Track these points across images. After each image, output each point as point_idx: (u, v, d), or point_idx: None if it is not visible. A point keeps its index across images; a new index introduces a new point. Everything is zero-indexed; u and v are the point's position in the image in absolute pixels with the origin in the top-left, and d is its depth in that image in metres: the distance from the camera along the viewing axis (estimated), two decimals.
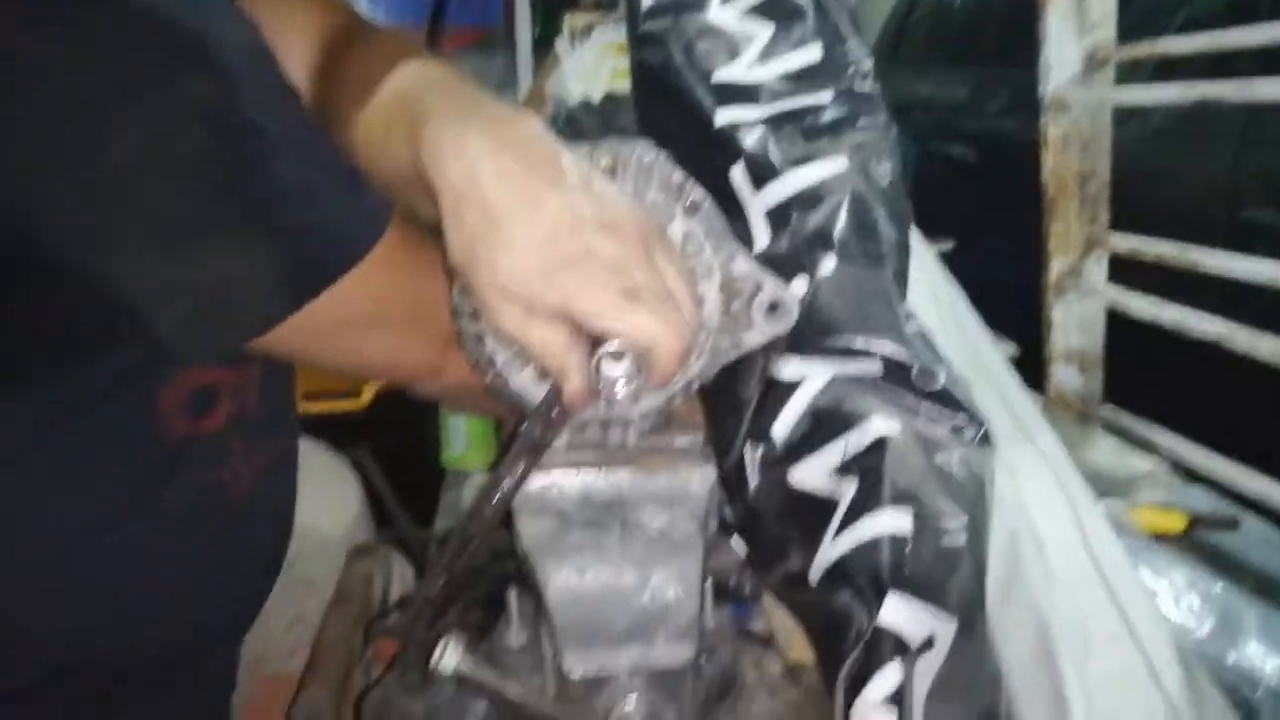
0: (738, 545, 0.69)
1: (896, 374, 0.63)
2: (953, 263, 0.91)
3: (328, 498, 1.31)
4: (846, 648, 0.58)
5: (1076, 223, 1.29)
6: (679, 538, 0.55)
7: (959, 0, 3.07)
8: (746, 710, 0.63)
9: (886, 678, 0.51)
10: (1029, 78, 1.27)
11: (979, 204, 2.09)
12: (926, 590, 0.54)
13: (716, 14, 0.79)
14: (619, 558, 0.54)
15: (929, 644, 0.54)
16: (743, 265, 0.58)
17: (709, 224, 0.57)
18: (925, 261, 0.95)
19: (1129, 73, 1.28)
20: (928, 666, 0.54)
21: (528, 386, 0.56)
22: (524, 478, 0.53)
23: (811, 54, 0.75)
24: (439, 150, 0.51)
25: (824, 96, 0.73)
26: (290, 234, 0.50)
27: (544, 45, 2.60)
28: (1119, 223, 1.28)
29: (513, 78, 2.86)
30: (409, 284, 0.58)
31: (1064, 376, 1.38)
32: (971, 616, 0.57)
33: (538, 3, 3.09)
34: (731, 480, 0.69)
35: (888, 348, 0.63)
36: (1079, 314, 1.33)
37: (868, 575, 0.56)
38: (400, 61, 0.59)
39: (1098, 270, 1.31)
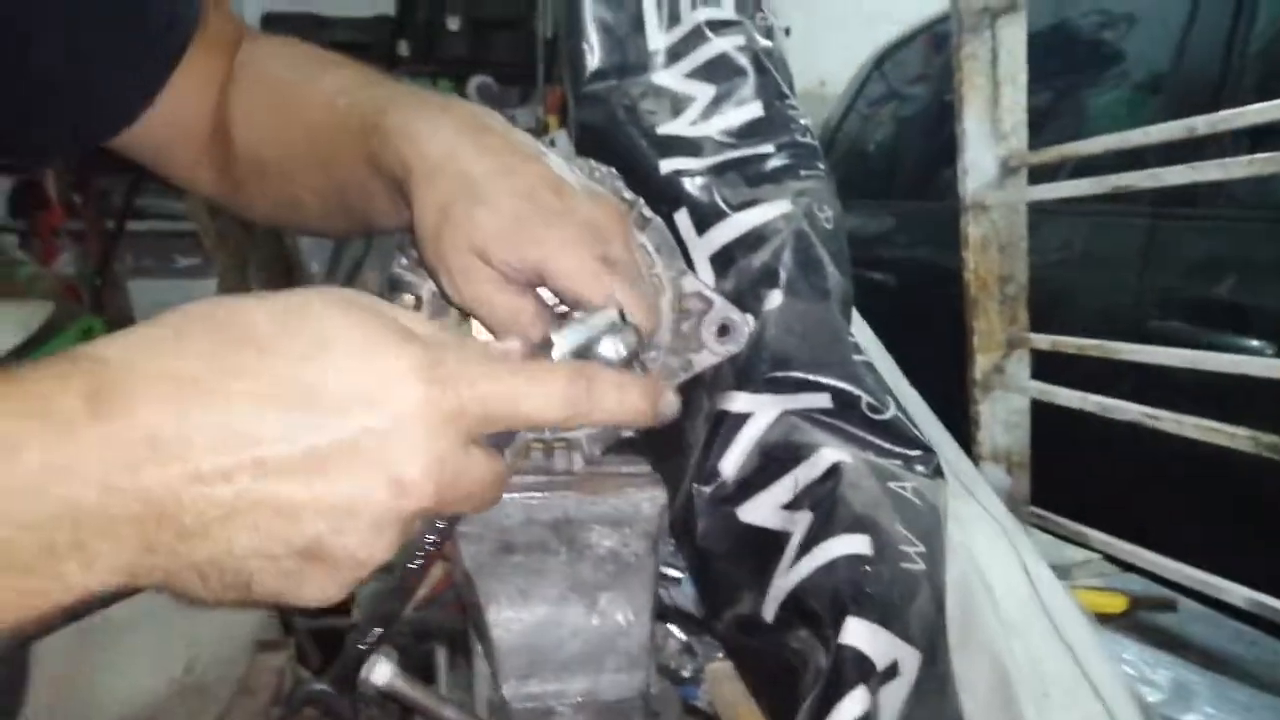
0: (687, 594, 0.65)
1: (846, 407, 0.62)
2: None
3: None
4: (804, 689, 0.55)
5: (998, 321, 1.32)
6: (629, 558, 0.52)
7: (872, 145, 3.24)
8: None
9: (853, 703, 0.48)
10: (942, 211, 1.33)
11: (900, 323, 2.14)
12: (888, 615, 0.52)
13: (659, 76, 0.80)
14: (564, 579, 0.51)
15: (893, 671, 0.51)
16: (693, 284, 0.57)
17: (659, 239, 0.56)
18: (868, 337, 0.95)
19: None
20: (893, 698, 0.51)
21: None
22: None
23: (753, 110, 0.76)
24: (412, 132, 0.50)
25: (767, 147, 0.74)
26: None
27: None
28: (1036, 330, 1.32)
29: None
30: None
31: (992, 477, 1.38)
32: (934, 648, 0.54)
33: None
34: (679, 524, 0.66)
35: (836, 380, 0.62)
36: (1004, 411, 1.35)
37: (826, 600, 0.53)
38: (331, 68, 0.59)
39: (1021, 369, 1.34)
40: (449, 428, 0.36)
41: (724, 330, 0.58)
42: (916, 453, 0.61)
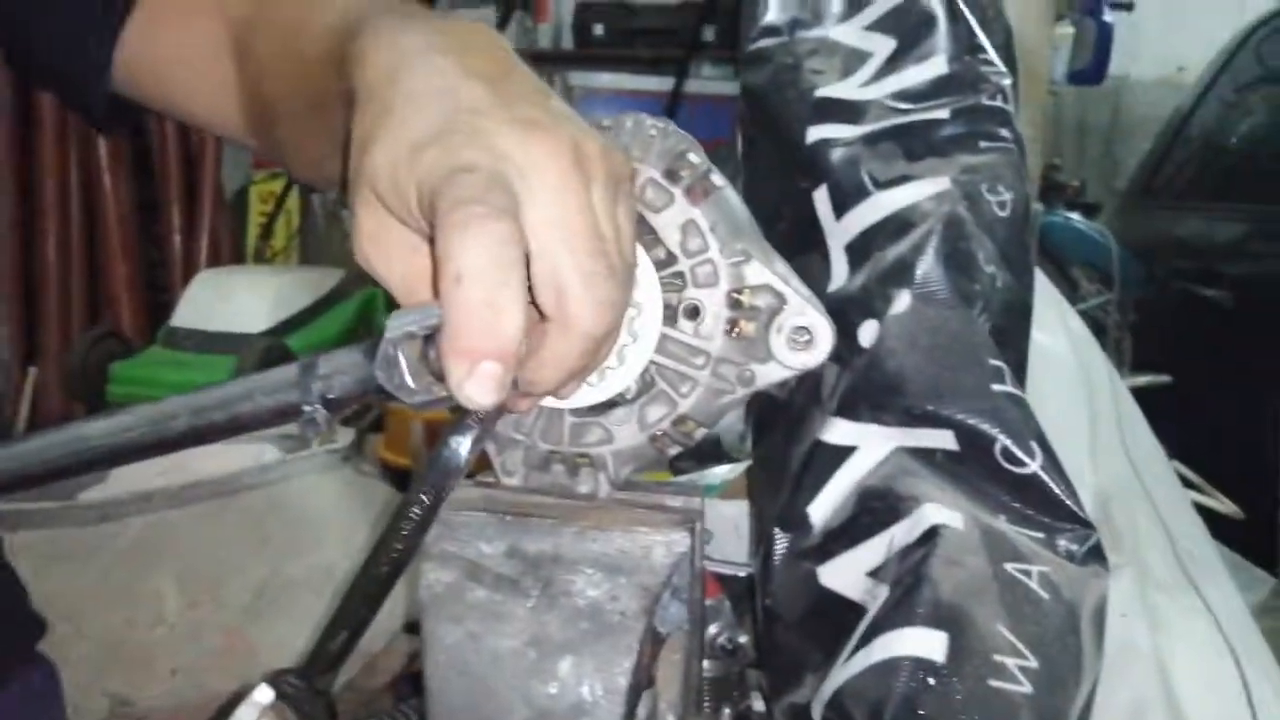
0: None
1: (975, 451, 0.47)
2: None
3: None
4: None
5: None
6: (613, 619, 0.41)
7: (1234, 139, 2.76)
8: None
9: None
10: None
11: (1234, 352, 1.80)
12: None
13: (835, 30, 0.67)
14: (526, 629, 0.41)
15: None
16: (759, 274, 0.45)
17: (720, 215, 0.44)
18: (1095, 371, 0.76)
19: None
20: None
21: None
22: (433, 512, 0.41)
23: (936, 67, 0.61)
24: (366, 51, 0.41)
25: (941, 113, 0.58)
26: None
27: None
28: None
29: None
30: None
31: None
32: None
33: None
34: (758, 577, 0.53)
35: (965, 415, 0.47)
36: None
37: (866, 713, 0.39)
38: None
39: None
40: None
41: (799, 336, 0.45)
42: (1064, 524, 0.45)
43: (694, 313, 0.44)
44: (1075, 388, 0.68)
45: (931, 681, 0.38)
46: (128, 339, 2.48)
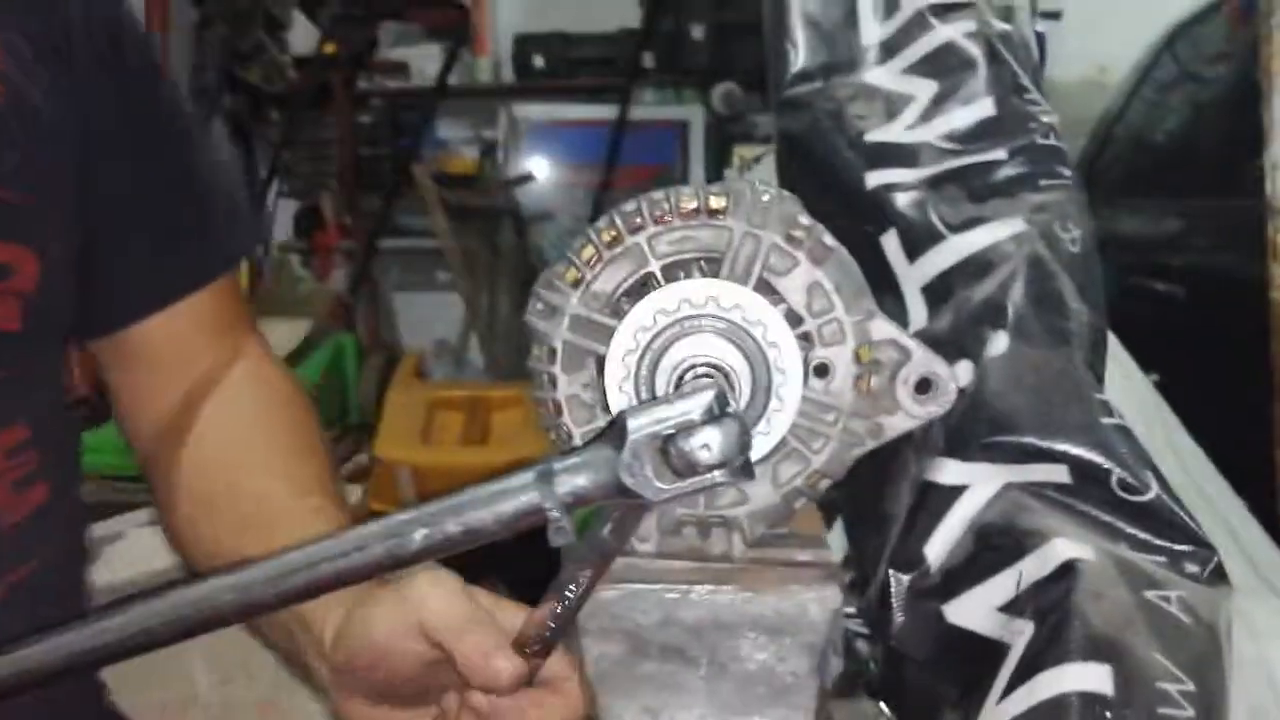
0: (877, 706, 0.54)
1: (1090, 483, 0.49)
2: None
3: None
4: None
5: None
6: (786, 680, 0.42)
7: (1161, 135, 2.88)
8: None
9: None
10: (1249, 210, 1.10)
11: (1190, 344, 1.87)
12: None
13: (872, 74, 0.69)
14: (704, 698, 0.41)
15: None
16: (884, 329, 0.46)
17: (841, 276, 0.46)
18: (1134, 381, 0.79)
19: None
20: None
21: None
22: (589, 591, 0.42)
23: (983, 109, 0.63)
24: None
25: (999, 153, 0.61)
26: None
27: (716, 178, 2.62)
28: None
29: None
30: None
31: None
32: None
33: (711, 140, 3.12)
34: (872, 617, 0.55)
35: (1077, 449, 0.49)
36: None
37: None
38: None
39: None
40: None
41: (924, 387, 0.46)
42: (1188, 547, 0.47)
43: (823, 371, 0.46)
44: (1122, 395, 0.71)
45: (1108, 715, 0.40)
46: (96, 404, 2.41)
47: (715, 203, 0.46)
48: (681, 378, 0.43)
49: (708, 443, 0.36)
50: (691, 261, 0.47)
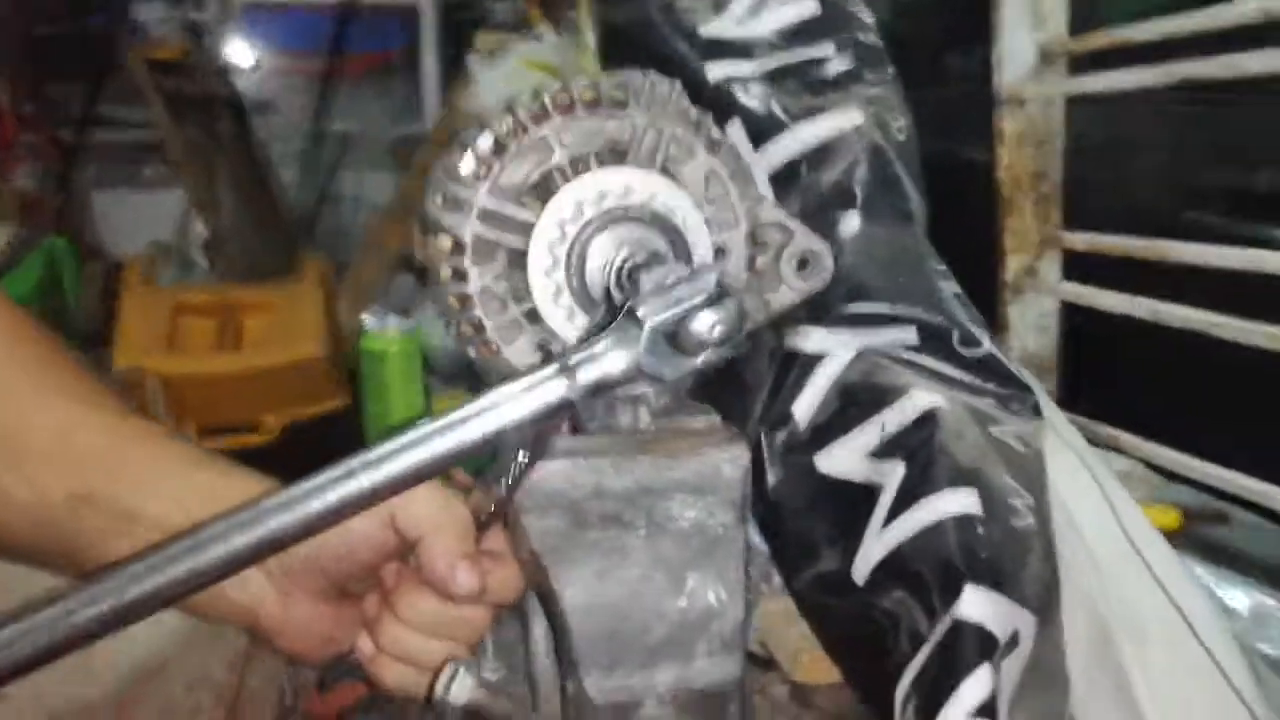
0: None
1: (935, 342, 0.56)
2: None
3: None
4: (897, 655, 0.50)
5: (1032, 220, 1.25)
6: (716, 531, 0.46)
7: None
8: None
9: (977, 684, 0.43)
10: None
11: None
12: (1004, 580, 0.47)
13: None
14: (646, 557, 0.45)
15: (1014, 641, 0.46)
16: (771, 213, 0.50)
17: (733, 164, 0.49)
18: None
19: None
20: (1012, 669, 0.46)
21: (524, 357, 0.46)
22: (525, 473, 0.44)
23: (807, 7, 0.68)
24: None
25: (826, 49, 0.66)
26: None
27: (451, 67, 2.55)
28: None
29: (415, 101, 2.80)
30: None
31: None
32: (1047, 609, 0.49)
33: (443, 27, 3.01)
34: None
35: (925, 313, 0.56)
36: (1035, 314, 1.29)
37: (934, 564, 0.48)
38: None
39: (1053, 270, 1.28)
40: None
41: (804, 263, 0.51)
42: (1013, 391, 0.56)
43: (720, 254, 0.49)
44: None
45: (980, 530, 0.48)
46: None
47: (616, 94, 0.48)
48: (623, 266, 0.45)
49: (714, 322, 0.39)
50: (589, 154, 0.48)
